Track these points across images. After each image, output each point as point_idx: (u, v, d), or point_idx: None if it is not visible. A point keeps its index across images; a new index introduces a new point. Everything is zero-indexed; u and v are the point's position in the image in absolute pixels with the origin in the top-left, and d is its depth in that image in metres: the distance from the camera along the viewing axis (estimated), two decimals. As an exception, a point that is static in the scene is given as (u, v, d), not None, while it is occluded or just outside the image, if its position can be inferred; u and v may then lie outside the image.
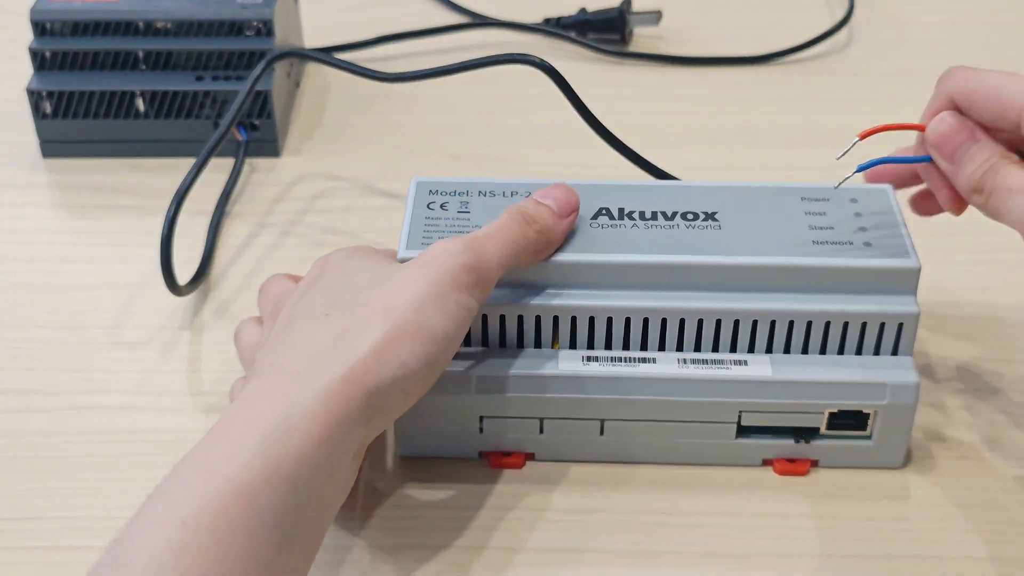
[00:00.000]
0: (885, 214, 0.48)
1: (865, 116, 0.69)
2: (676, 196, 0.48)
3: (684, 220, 0.47)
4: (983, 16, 0.79)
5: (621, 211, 0.47)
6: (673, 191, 0.49)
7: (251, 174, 0.65)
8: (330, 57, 0.50)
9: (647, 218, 0.47)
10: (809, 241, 0.46)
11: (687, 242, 0.46)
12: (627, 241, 0.46)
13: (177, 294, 0.55)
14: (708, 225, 0.47)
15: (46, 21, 0.65)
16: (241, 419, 0.38)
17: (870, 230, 0.47)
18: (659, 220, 0.47)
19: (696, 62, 0.74)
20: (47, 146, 0.66)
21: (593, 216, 0.47)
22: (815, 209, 0.48)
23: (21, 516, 0.46)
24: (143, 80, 0.65)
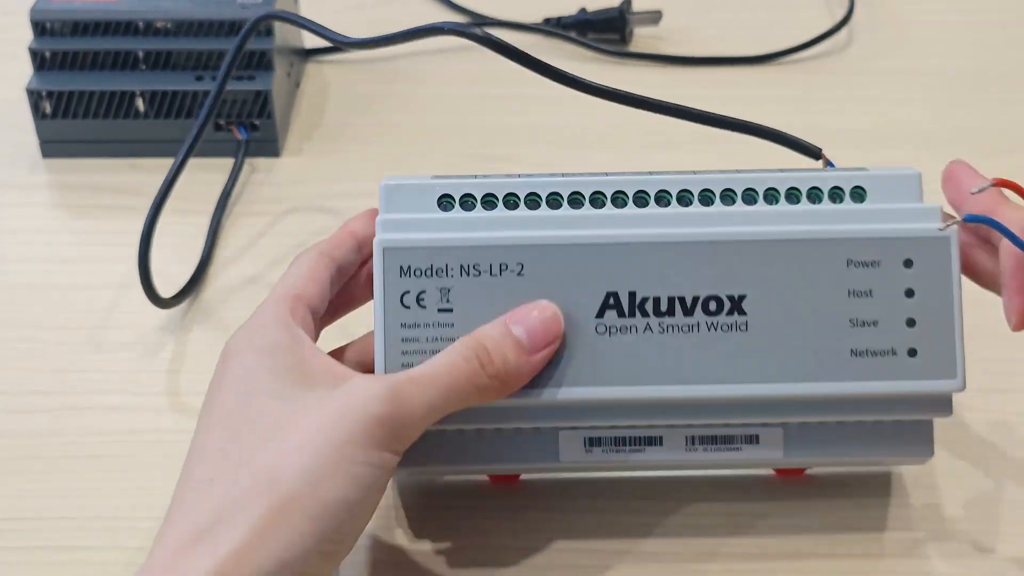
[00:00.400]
0: (942, 298, 0.41)
1: (865, 116, 0.70)
2: (698, 259, 0.41)
3: (706, 314, 0.40)
4: (983, 16, 0.79)
5: (632, 299, 0.40)
6: (696, 249, 0.41)
7: (251, 174, 0.65)
8: (304, 19, 0.51)
9: (663, 312, 0.40)
10: (847, 351, 0.41)
11: (709, 360, 0.40)
12: (638, 361, 0.40)
13: (160, 307, 0.54)
14: (733, 322, 0.40)
15: (46, 21, 0.65)
16: None
17: (920, 325, 0.41)
18: (677, 316, 0.40)
19: (696, 62, 0.74)
20: (47, 146, 0.66)
21: (599, 313, 0.41)
22: (861, 286, 0.41)
23: (21, 516, 0.46)
24: (143, 80, 0.65)
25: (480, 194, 0.42)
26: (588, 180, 0.42)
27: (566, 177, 0.43)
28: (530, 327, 0.39)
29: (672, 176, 0.43)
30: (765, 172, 0.42)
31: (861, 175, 0.42)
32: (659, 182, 0.42)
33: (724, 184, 0.42)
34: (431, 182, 0.42)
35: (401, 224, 0.41)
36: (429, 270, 0.40)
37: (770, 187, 0.42)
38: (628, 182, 0.42)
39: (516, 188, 0.42)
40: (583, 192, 0.42)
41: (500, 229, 0.41)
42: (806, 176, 0.42)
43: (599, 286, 0.40)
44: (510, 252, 0.40)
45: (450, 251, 0.41)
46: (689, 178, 0.42)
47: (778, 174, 0.42)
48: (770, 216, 0.41)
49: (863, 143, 0.67)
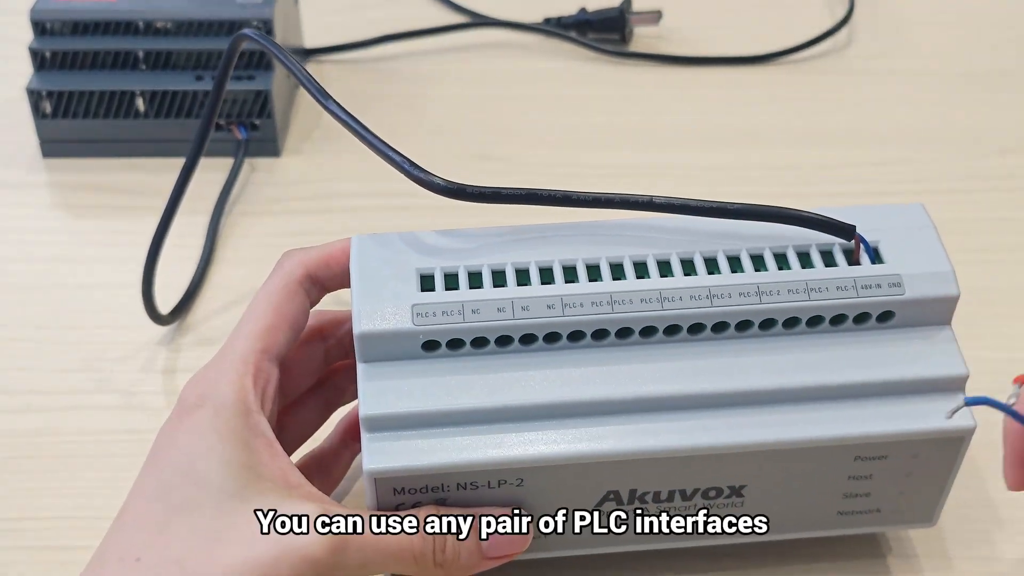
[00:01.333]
0: (939, 477, 0.41)
1: (865, 116, 0.70)
2: (702, 464, 0.39)
3: (705, 499, 0.40)
4: (983, 16, 0.79)
5: (632, 493, 0.39)
6: (700, 458, 0.38)
7: (251, 174, 0.65)
8: (280, 50, 0.44)
9: (662, 500, 0.40)
10: (835, 512, 0.41)
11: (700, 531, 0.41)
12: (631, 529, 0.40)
13: (160, 323, 0.54)
14: (731, 502, 0.40)
15: (46, 21, 0.65)
16: None
17: (909, 494, 0.41)
18: (675, 501, 0.40)
19: (696, 62, 0.74)
20: (47, 146, 0.66)
21: (596, 504, 0.40)
22: (863, 472, 0.40)
23: (21, 516, 0.46)
24: (143, 80, 0.65)
25: (469, 338, 0.38)
26: (591, 317, 0.38)
27: (565, 312, 0.38)
28: (496, 538, 0.38)
29: (684, 310, 0.38)
30: (792, 294, 0.39)
31: (893, 299, 0.39)
32: (670, 316, 0.38)
33: (742, 314, 0.39)
34: (412, 328, 0.38)
35: (389, 426, 0.38)
36: (425, 489, 0.38)
37: (791, 317, 0.39)
38: (634, 318, 0.38)
39: (509, 329, 0.38)
40: (584, 330, 0.39)
41: (498, 434, 0.38)
42: (832, 303, 0.39)
43: (599, 487, 0.39)
44: (509, 471, 0.38)
45: (447, 474, 0.38)
46: (705, 311, 0.38)
47: (804, 302, 0.39)
48: (783, 413, 0.38)
49: (863, 143, 0.67)
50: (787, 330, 0.39)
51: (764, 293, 0.38)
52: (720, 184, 0.64)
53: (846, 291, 0.39)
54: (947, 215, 0.63)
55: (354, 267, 0.39)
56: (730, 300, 0.38)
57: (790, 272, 0.39)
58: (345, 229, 0.61)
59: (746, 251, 0.40)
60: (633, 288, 0.38)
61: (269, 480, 0.37)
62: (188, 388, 0.39)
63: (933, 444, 0.39)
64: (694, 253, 0.40)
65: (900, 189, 0.64)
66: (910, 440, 0.39)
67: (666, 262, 0.39)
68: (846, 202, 0.63)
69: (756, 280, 0.39)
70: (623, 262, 0.39)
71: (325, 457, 0.45)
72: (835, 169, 0.65)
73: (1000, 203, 0.63)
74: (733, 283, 0.39)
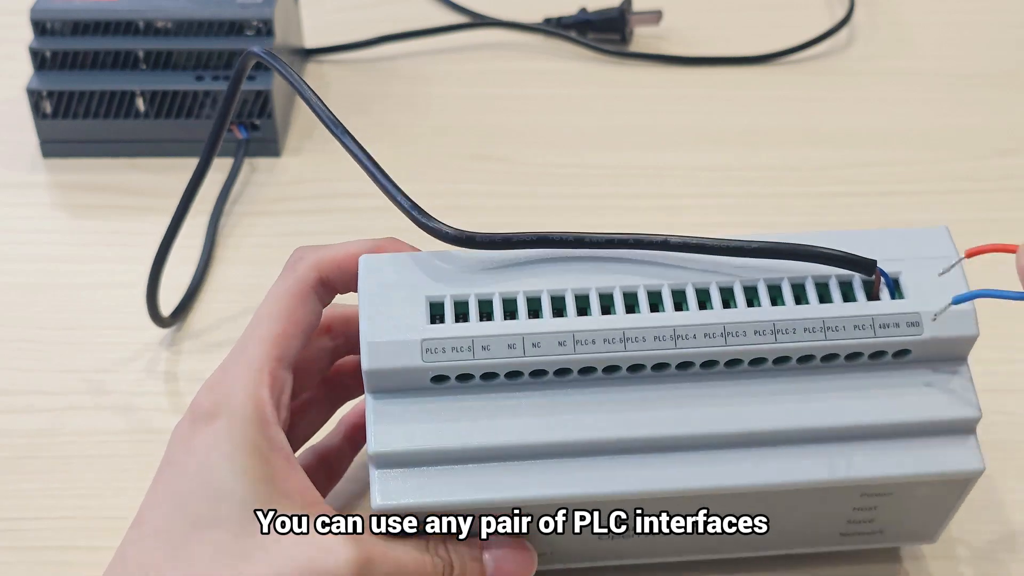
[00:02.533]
0: (944, 507, 0.41)
1: (865, 116, 0.70)
2: (709, 501, 0.39)
3: (707, 516, 0.40)
4: (983, 16, 0.79)
5: (642, 518, 0.40)
6: (707, 497, 0.39)
7: (251, 174, 0.65)
8: (286, 68, 0.43)
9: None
10: (837, 534, 0.42)
11: (704, 542, 0.41)
12: (640, 544, 0.41)
13: (161, 326, 0.54)
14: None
15: (46, 20, 0.65)
16: None
17: (913, 517, 0.41)
18: (685, 525, 0.40)
19: (696, 62, 0.74)
20: (47, 146, 0.66)
21: (603, 525, 0.40)
22: (869, 504, 0.40)
23: (21, 516, 0.46)
24: (143, 80, 0.65)
25: (479, 373, 0.38)
26: (602, 355, 0.37)
27: (576, 349, 0.38)
28: (502, 567, 0.39)
29: (698, 348, 0.38)
30: (808, 332, 0.38)
31: (911, 339, 0.38)
32: (683, 354, 0.38)
33: (757, 352, 0.38)
34: (421, 365, 0.37)
35: (398, 463, 0.37)
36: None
37: (806, 354, 0.38)
38: (647, 356, 0.38)
39: (519, 366, 0.38)
40: (595, 366, 0.38)
41: (507, 473, 0.38)
42: (848, 343, 0.38)
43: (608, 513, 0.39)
44: (516, 509, 0.38)
45: (456, 511, 0.38)
46: (719, 350, 0.38)
47: (820, 341, 0.38)
48: (791, 453, 0.38)
49: (863, 143, 0.67)
50: (800, 365, 0.39)
51: (780, 331, 0.38)
52: (720, 184, 0.64)
53: (864, 330, 0.38)
54: (947, 215, 0.63)
55: (362, 291, 0.38)
56: (745, 339, 0.38)
57: (807, 308, 0.38)
58: (345, 229, 0.61)
59: (763, 281, 0.39)
60: (647, 324, 0.38)
61: (287, 496, 0.36)
62: (202, 395, 0.38)
63: (940, 483, 0.39)
64: (710, 284, 0.39)
65: (900, 189, 0.64)
66: (918, 480, 0.39)
67: (681, 291, 0.39)
68: (846, 202, 0.63)
69: (772, 317, 0.38)
70: (637, 292, 0.38)
71: (328, 455, 0.45)
72: (835, 169, 0.65)
73: (1000, 203, 0.63)
74: (749, 320, 0.38)
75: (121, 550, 0.36)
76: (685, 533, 0.40)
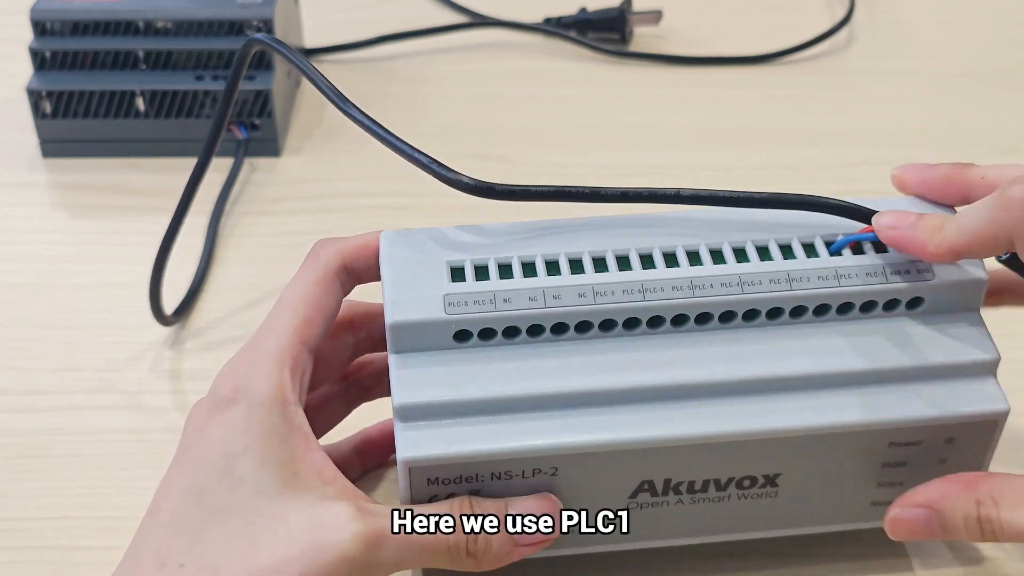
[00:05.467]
0: (973, 462, 0.41)
1: (865, 116, 0.70)
2: (737, 451, 0.39)
3: (739, 488, 0.40)
4: (983, 16, 0.79)
5: (667, 484, 0.39)
6: (735, 444, 0.38)
7: (251, 173, 0.65)
8: (292, 53, 0.44)
9: (695, 490, 0.40)
10: (869, 502, 0.41)
11: (734, 514, 0.40)
12: (665, 521, 0.40)
13: (164, 324, 0.54)
14: (764, 492, 0.40)
15: (46, 21, 0.65)
16: None
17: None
18: (709, 491, 0.40)
19: (696, 62, 0.74)
20: (47, 146, 0.66)
21: (632, 495, 0.39)
22: (897, 459, 0.40)
23: (21, 515, 0.46)
24: (143, 80, 0.65)
25: (501, 327, 0.38)
26: (622, 305, 0.38)
27: (597, 300, 0.38)
28: (526, 527, 0.38)
29: (714, 298, 0.38)
30: (821, 280, 0.39)
31: (923, 284, 0.39)
32: (701, 304, 0.38)
33: (771, 301, 0.39)
34: (444, 318, 0.38)
35: (422, 415, 0.37)
36: (459, 479, 0.38)
37: (822, 303, 0.39)
38: (665, 306, 0.38)
39: (541, 318, 0.38)
40: (616, 318, 0.39)
41: (532, 422, 0.38)
42: (861, 289, 0.39)
43: (634, 476, 0.39)
44: (544, 459, 0.38)
45: (481, 463, 0.38)
46: (736, 298, 0.39)
47: (833, 288, 0.39)
48: (818, 398, 0.38)
49: (863, 143, 0.67)
50: (817, 317, 0.39)
51: (794, 280, 0.39)
52: (720, 184, 0.63)
53: (875, 277, 0.39)
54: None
55: (384, 260, 0.39)
56: (759, 287, 0.39)
57: (818, 260, 0.39)
58: (345, 229, 0.60)
59: (775, 241, 0.40)
60: (664, 276, 0.39)
61: (304, 477, 0.36)
62: (221, 379, 0.38)
63: (966, 429, 0.39)
64: (723, 243, 0.40)
65: (900, 189, 0.64)
66: (944, 424, 0.39)
67: (695, 252, 0.40)
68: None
69: (785, 268, 0.39)
70: (652, 252, 0.39)
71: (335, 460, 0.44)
72: (835, 169, 0.65)
73: (1000, 203, 0.63)
74: (762, 271, 0.39)
75: (137, 539, 0.36)
76: (711, 493, 0.40)
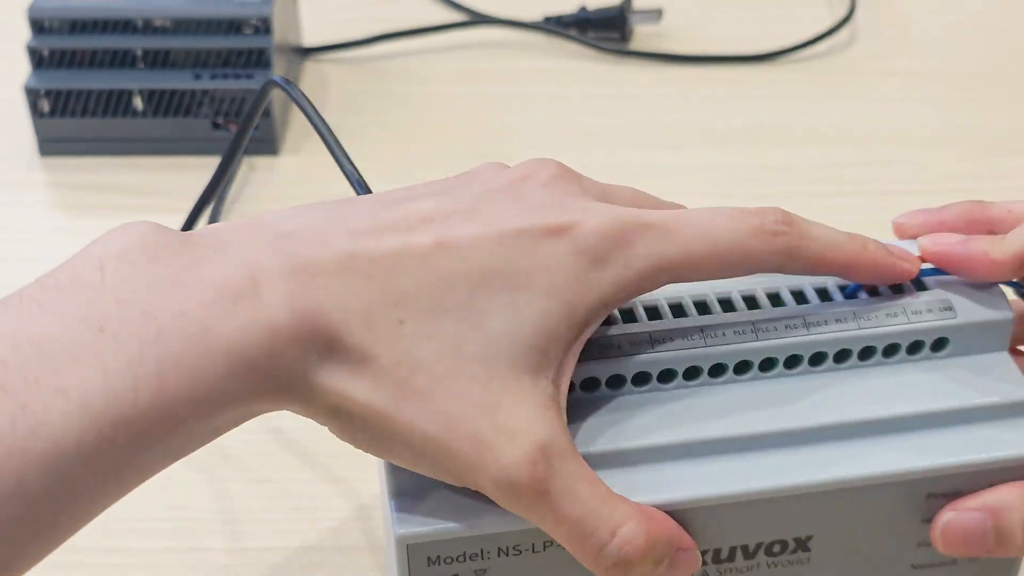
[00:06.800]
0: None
1: (866, 116, 0.70)
2: (766, 511, 0.35)
3: (768, 556, 0.36)
4: (984, 16, 0.79)
5: None
6: (763, 503, 0.35)
7: (250, 173, 0.65)
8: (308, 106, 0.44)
9: (722, 560, 0.36)
10: (908, 566, 0.38)
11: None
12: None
13: None
14: (796, 559, 0.36)
15: (44, 19, 0.65)
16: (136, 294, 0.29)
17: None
18: (737, 561, 0.36)
19: (697, 60, 0.74)
20: (45, 144, 0.66)
21: None
22: (936, 511, 0.36)
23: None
24: (141, 78, 0.64)
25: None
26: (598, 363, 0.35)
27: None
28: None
29: (727, 346, 0.36)
30: (840, 323, 0.36)
31: (946, 323, 0.37)
32: (713, 355, 0.36)
33: (791, 348, 0.36)
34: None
35: (419, 498, 0.33)
36: (462, 556, 0.34)
37: (843, 349, 0.36)
38: (692, 356, 0.35)
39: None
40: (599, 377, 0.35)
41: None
42: (883, 331, 0.36)
43: None
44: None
45: (486, 537, 0.33)
46: (751, 346, 0.36)
47: (853, 331, 0.36)
48: (848, 448, 0.35)
49: (863, 143, 0.67)
50: (838, 364, 0.37)
51: (811, 324, 0.36)
52: (720, 184, 0.64)
53: (896, 318, 0.36)
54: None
55: None
56: (775, 333, 0.36)
57: (834, 304, 0.37)
58: (344, 228, 0.61)
59: (785, 287, 0.37)
60: (673, 327, 0.36)
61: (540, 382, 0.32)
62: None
63: (1008, 473, 0.36)
64: (731, 291, 0.37)
65: (900, 189, 0.64)
66: (984, 470, 0.36)
67: (703, 302, 0.37)
68: (846, 201, 0.62)
69: (800, 312, 0.36)
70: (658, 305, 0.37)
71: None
72: (835, 169, 0.65)
73: (1001, 203, 0.63)
74: (776, 316, 0.36)
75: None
76: (738, 563, 0.36)
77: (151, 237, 0.30)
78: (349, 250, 0.31)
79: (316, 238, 0.31)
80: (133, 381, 0.28)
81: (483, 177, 0.35)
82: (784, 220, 0.34)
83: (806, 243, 0.34)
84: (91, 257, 0.30)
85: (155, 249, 0.30)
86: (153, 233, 0.30)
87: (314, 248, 0.31)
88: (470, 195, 0.33)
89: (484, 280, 0.31)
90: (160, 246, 0.30)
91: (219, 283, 0.29)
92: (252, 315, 0.29)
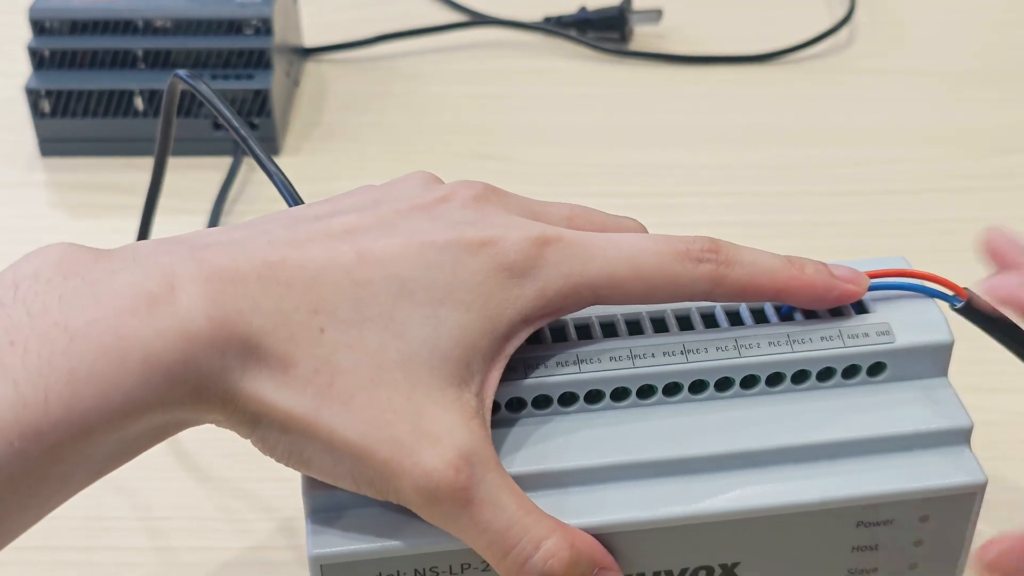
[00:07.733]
0: (952, 544, 0.36)
1: (865, 116, 0.70)
2: (689, 537, 0.34)
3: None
4: (983, 16, 0.79)
5: None
6: (688, 529, 0.34)
7: (250, 172, 0.65)
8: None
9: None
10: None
11: None
12: None
13: None
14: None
15: (45, 20, 0.65)
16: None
17: (921, 567, 0.36)
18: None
19: (696, 61, 0.74)
20: (45, 145, 0.66)
21: None
22: (868, 542, 0.35)
23: (19, 516, 0.46)
24: (142, 79, 0.64)
25: None
26: (557, 379, 0.34)
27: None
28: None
29: (655, 368, 0.35)
30: (773, 346, 0.35)
31: (884, 347, 0.36)
32: (640, 376, 0.35)
33: (721, 370, 0.35)
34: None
35: (337, 517, 0.33)
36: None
37: (775, 372, 0.36)
38: (620, 377, 0.35)
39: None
40: (551, 394, 0.35)
41: None
42: (818, 355, 0.35)
43: None
44: (470, 553, 0.33)
45: (404, 558, 0.33)
46: (679, 368, 0.35)
47: (787, 354, 0.35)
48: (773, 475, 0.34)
49: (863, 142, 0.67)
50: (771, 387, 0.36)
51: (744, 347, 0.35)
52: (720, 184, 0.64)
53: (832, 341, 0.35)
54: (947, 215, 0.63)
55: None
56: (704, 356, 0.35)
57: (768, 326, 0.36)
58: (344, 228, 0.61)
59: (720, 307, 0.36)
60: (602, 348, 0.35)
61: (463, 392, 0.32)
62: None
63: (942, 504, 0.35)
64: (665, 311, 0.36)
65: (900, 188, 0.64)
66: (915, 499, 0.35)
67: (636, 321, 0.36)
68: (846, 201, 0.63)
69: (733, 335, 0.35)
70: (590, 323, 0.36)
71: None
72: (835, 168, 0.65)
73: (1000, 203, 0.63)
74: (708, 339, 0.35)
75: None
76: None
77: (67, 254, 0.30)
78: (269, 259, 0.31)
79: (236, 250, 0.31)
80: (44, 392, 0.28)
81: (409, 192, 0.35)
82: (710, 248, 0.34)
83: (733, 270, 0.34)
84: (4, 280, 0.30)
85: (70, 265, 0.30)
86: (70, 251, 0.30)
87: (234, 258, 0.31)
88: (392, 211, 0.34)
89: (405, 291, 0.31)
90: (75, 261, 0.30)
91: (135, 291, 0.29)
92: (168, 321, 0.29)
